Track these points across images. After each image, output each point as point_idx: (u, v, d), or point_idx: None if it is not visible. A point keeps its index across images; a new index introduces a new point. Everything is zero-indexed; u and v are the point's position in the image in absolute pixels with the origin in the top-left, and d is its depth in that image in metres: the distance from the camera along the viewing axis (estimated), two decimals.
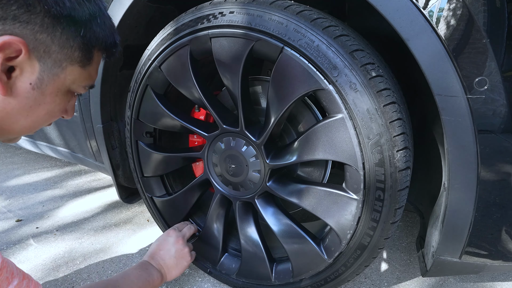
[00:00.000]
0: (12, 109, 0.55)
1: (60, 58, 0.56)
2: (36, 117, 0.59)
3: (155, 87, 0.95)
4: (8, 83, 0.52)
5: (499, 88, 0.58)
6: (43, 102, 0.57)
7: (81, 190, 1.77)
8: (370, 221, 0.74)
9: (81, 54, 0.58)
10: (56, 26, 0.53)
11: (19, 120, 0.57)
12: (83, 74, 0.61)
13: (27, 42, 0.51)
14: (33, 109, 0.57)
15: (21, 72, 0.53)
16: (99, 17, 0.59)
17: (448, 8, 0.58)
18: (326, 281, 0.88)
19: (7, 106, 0.54)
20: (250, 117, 0.87)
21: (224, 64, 0.79)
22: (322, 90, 0.69)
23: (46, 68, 0.55)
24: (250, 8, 0.73)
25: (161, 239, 0.95)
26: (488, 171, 0.63)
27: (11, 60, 0.51)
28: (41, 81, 0.55)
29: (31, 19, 0.50)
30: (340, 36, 0.67)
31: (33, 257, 1.22)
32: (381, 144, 0.67)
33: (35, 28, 0.51)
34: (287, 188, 0.85)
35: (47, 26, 0.52)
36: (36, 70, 0.54)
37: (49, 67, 0.55)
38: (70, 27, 0.54)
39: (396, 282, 1.08)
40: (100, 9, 0.59)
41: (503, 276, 1.10)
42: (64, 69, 0.57)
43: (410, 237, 1.32)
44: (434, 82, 0.61)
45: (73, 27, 0.55)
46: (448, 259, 0.75)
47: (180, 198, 1.05)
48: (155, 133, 1.06)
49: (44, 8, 0.50)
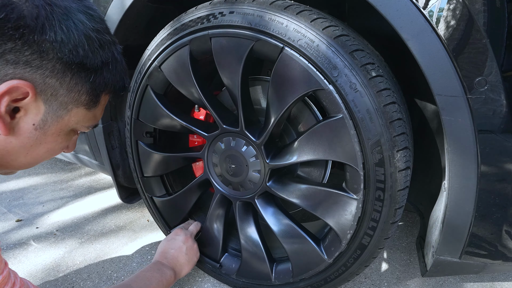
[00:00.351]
0: (13, 147, 0.54)
1: (67, 101, 0.55)
2: (36, 155, 0.58)
3: (155, 87, 0.95)
4: (11, 123, 0.52)
5: (499, 88, 0.58)
6: (44, 142, 0.57)
7: (81, 190, 1.77)
8: (370, 221, 0.74)
9: (88, 98, 0.58)
10: (67, 72, 0.52)
11: (19, 157, 0.56)
12: (87, 115, 0.60)
13: (35, 86, 0.50)
14: (33, 148, 0.56)
15: (26, 113, 0.52)
16: (111, 63, 0.58)
17: (448, 8, 0.58)
18: (326, 281, 0.88)
19: (8, 145, 0.53)
20: (250, 117, 0.87)
21: (224, 64, 0.79)
22: (322, 90, 0.69)
23: (51, 110, 0.54)
24: (250, 8, 0.73)
25: (170, 238, 0.97)
26: (488, 171, 0.63)
27: (17, 101, 0.50)
28: (44, 122, 0.54)
29: (42, 65, 0.50)
30: (340, 36, 0.67)
31: (33, 257, 1.22)
32: (381, 144, 0.67)
33: (46, 73, 0.50)
34: (287, 188, 0.85)
35: (57, 72, 0.51)
36: (41, 112, 0.53)
37: (55, 109, 0.54)
38: (81, 73, 0.54)
39: (396, 282, 1.08)
40: (114, 55, 0.59)
41: (503, 276, 1.10)
42: (69, 111, 0.57)
43: (410, 237, 1.32)
44: (434, 82, 0.61)
45: (83, 73, 0.54)
46: (448, 259, 0.75)
47: (180, 198, 1.05)
48: (155, 133, 1.06)
49: (57, 55, 0.50)
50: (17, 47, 0.47)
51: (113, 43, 0.59)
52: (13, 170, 0.62)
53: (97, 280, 1.10)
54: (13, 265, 1.16)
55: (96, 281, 1.09)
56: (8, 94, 0.48)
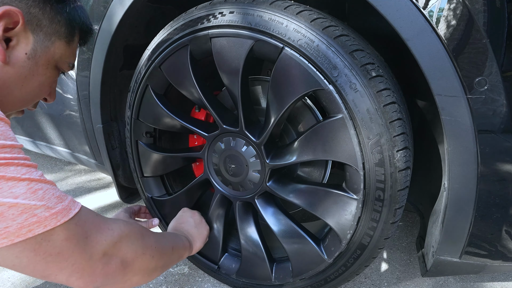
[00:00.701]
0: (9, 77, 0.59)
1: (50, 32, 0.63)
2: (29, 88, 0.63)
3: (155, 87, 0.95)
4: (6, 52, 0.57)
5: (499, 88, 0.58)
6: (36, 73, 0.63)
7: (81, 190, 1.77)
8: (370, 221, 0.74)
9: (67, 30, 0.66)
10: (46, 3, 0.61)
11: (14, 90, 0.61)
12: (67, 50, 0.68)
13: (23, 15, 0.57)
14: (27, 79, 0.62)
15: (18, 43, 0.58)
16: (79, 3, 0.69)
17: (448, 8, 0.58)
18: (326, 281, 0.88)
19: (4, 75, 0.58)
20: (250, 117, 0.87)
21: (224, 64, 0.79)
22: (322, 90, 0.69)
23: (38, 40, 0.61)
24: (250, 8, 0.73)
25: (178, 216, 0.98)
26: (488, 171, 0.63)
27: (8, 31, 0.56)
28: (35, 52, 0.61)
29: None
30: (340, 36, 0.67)
31: None
32: (381, 144, 0.67)
33: (29, 3, 0.59)
34: (287, 188, 0.85)
35: (39, 2, 0.60)
36: (30, 41, 0.60)
37: (41, 39, 0.61)
38: (58, 4, 0.63)
39: (396, 282, 1.08)
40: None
41: (503, 276, 1.10)
42: (53, 43, 0.64)
43: (410, 237, 1.32)
44: (434, 82, 0.61)
45: (60, 4, 0.64)
46: (448, 259, 0.75)
47: (180, 198, 1.05)
48: (155, 133, 1.06)
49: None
50: None
51: None
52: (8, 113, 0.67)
53: None
54: None
55: None
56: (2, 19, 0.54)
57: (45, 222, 0.45)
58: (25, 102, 0.67)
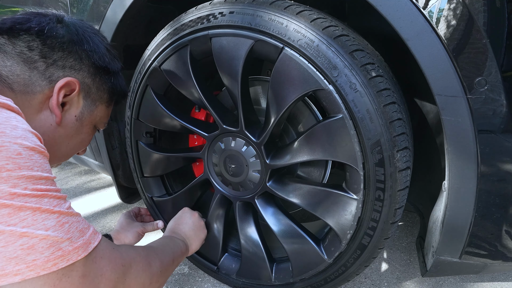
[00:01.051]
0: (60, 136, 0.67)
1: (96, 98, 0.71)
2: (73, 145, 0.71)
3: (155, 87, 0.95)
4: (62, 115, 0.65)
5: (499, 88, 0.58)
6: (80, 133, 0.71)
7: (81, 190, 1.77)
8: (370, 221, 0.74)
9: (108, 97, 0.74)
10: (97, 74, 0.70)
11: (62, 147, 0.69)
12: (106, 112, 0.77)
13: None
14: (73, 138, 0.70)
15: (70, 107, 0.66)
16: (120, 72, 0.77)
17: (448, 8, 0.58)
18: (326, 281, 0.88)
19: (56, 134, 0.66)
20: (250, 117, 0.87)
21: (224, 64, 0.79)
22: (322, 90, 0.69)
23: (86, 104, 0.69)
24: (250, 8, 0.73)
25: (177, 216, 0.98)
26: (488, 171, 0.63)
27: (65, 97, 0.64)
28: (82, 115, 0.69)
29: (82, 68, 0.67)
30: (340, 36, 0.67)
31: None
32: (381, 144, 0.67)
33: (84, 75, 0.67)
34: (287, 188, 0.85)
35: (91, 74, 0.69)
36: (80, 105, 0.68)
37: (89, 104, 0.70)
38: (105, 76, 0.72)
39: (396, 282, 1.08)
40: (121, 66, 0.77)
41: (503, 276, 1.10)
42: (97, 107, 0.72)
43: (410, 237, 1.32)
44: (434, 82, 0.61)
45: (107, 76, 0.72)
46: (448, 259, 0.75)
47: (180, 198, 1.05)
48: (155, 133, 1.06)
49: (91, 61, 0.68)
50: (64, 55, 0.64)
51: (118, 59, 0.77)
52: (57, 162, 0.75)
53: None
54: None
55: None
56: (64, 88, 0.63)
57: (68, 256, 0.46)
58: (68, 156, 0.75)
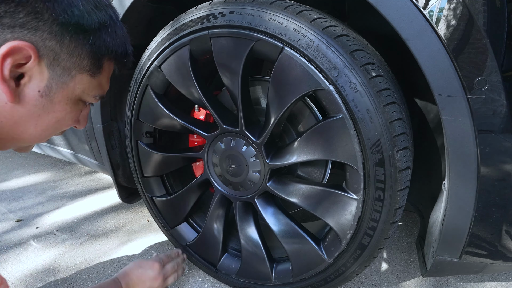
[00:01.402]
0: (21, 117, 0.54)
1: (69, 66, 0.55)
2: (45, 125, 0.58)
3: (155, 87, 0.95)
4: (16, 90, 0.52)
5: (499, 88, 0.58)
6: (52, 110, 0.57)
7: (81, 190, 1.77)
8: (370, 221, 0.74)
9: (90, 63, 0.57)
10: (64, 34, 0.52)
11: (28, 128, 0.57)
12: (92, 83, 0.60)
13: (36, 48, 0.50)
14: (42, 118, 0.56)
15: (30, 79, 0.52)
16: (110, 26, 0.58)
17: (448, 8, 0.58)
18: (326, 281, 0.88)
19: (15, 114, 0.53)
20: (250, 117, 0.87)
21: (224, 64, 0.79)
22: (322, 90, 0.69)
23: (55, 75, 0.54)
24: (250, 8, 0.73)
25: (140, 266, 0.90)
26: (488, 171, 0.63)
27: (20, 66, 0.50)
28: (49, 89, 0.54)
29: (39, 26, 0.50)
30: (340, 36, 0.67)
31: (33, 257, 1.21)
32: (381, 144, 0.67)
33: (44, 35, 0.51)
34: (287, 188, 0.85)
35: (55, 34, 0.52)
36: (45, 77, 0.53)
37: (58, 75, 0.54)
38: (79, 35, 0.54)
39: (396, 282, 1.08)
40: (111, 17, 0.58)
41: (503, 276, 1.10)
42: (73, 78, 0.57)
43: (410, 237, 1.32)
44: (434, 82, 0.61)
45: (81, 35, 0.54)
46: (448, 259, 0.75)
47: (180, 198, 1.05)
48: (155, 133, 1.06)
49: (52, 16, 0.50)
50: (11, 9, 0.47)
51: (110, 6, 0.59)
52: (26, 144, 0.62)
53: (97, 280, 1.10)
54: (13, 265, 1.16)
55: (96, 281, 1.09)
56: (10, 56, 0.48)
57: None
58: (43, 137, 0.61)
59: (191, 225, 1.12)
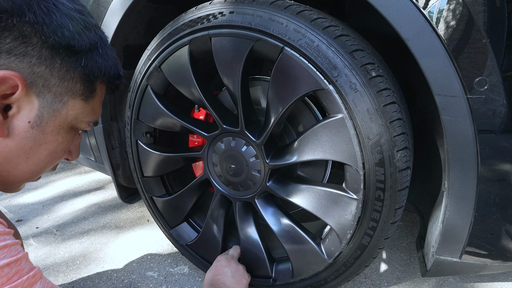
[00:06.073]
0: (11, 151, 0.50)
1: (61, 92, 0.51)
2: (37, 159, 0.54)
3: (155, 87, 0.95)
4: (4, 123, 0.48)
5: (499, 88, 0.58)
6: (44, 142, 0.53)
7: (81, 190, 1.77)
8: (370, 221, 0.74)
9: (83, 87, 0.54)
10: (55, 57, 0.49)
11: (19, 164, 0.53)
12: (86, 108, 0.57)
13: (24, 77, 0.46)
14: (33, 151, 0.52)
15: (19, 110, 0.48)
16: (101, 47, 0.55)
17: (448, 8, 0.58)
18: (326, 281, 0.88)
19: (4, 149, 0.49)
20: (250, 117, 0.87)
21: (224, 64, 0.79)
22: (322, 90, 0.69)
23: (46, 103, 0.50)
24: (250, 8, 0.73)
25: (213, 267, 0.91)
26: (488, 171, 0.63)
27: (7, 97, 0.47)
28: (40, 119, 0.50)
29: (27, 52, 0.46)
30: (340, 36, 0.67)
31: (33, 257, 1.22)
32: (381, 144, 0.67)
33: (32, 61, 0.47)
34: (287, 188, 0.85)
35: (45, 58, 0.48)
36: (35, 107, 0.49)
37: (49, 102, 0.51)
38: (70, 57, 0.51)
39: (396, 282, 1.08)
40: (101, 38, 0.56)
41: (503, 276, 1.10)
42: (66, 104, 0.53)
43: (410, 237, 1.32)
44: (434, 82, 0.61)
45: (73, 57, 0.51)
46: (448, 259, 0.75)
47: (180, 198, 1.05)
48: (155, 133, 1.06)
49: (42, 39, 0.47)
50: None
51: (98, 27, 0.56)
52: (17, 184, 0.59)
53: (97, 280, 1.10)
54: None
55: (96, 281, 1.09)
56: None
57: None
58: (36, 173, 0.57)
59: (191, 225, 1.12)
